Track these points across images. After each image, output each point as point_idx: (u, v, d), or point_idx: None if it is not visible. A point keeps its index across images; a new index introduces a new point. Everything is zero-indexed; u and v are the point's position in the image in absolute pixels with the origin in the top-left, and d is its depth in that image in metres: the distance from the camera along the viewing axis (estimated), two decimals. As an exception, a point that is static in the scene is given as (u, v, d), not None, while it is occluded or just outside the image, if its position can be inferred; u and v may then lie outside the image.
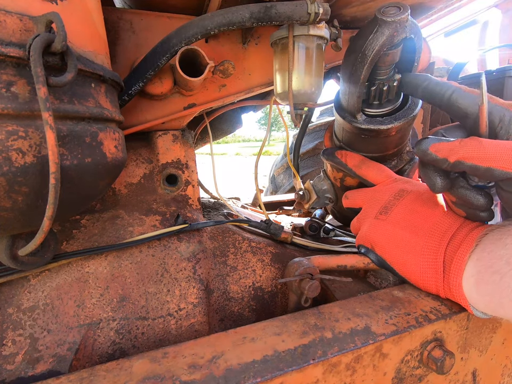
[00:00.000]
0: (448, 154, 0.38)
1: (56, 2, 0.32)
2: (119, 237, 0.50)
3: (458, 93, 0.40)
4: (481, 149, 0.36)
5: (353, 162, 0.56)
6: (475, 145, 0.36)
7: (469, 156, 0.37)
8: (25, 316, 0.42)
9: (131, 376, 0.31)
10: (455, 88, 0.40)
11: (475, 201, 0.40)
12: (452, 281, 0.40)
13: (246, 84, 0.63)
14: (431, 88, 0.42)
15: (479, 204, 0.40)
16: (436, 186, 0.41)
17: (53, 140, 0.28)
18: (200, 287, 0.52)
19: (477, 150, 0.36)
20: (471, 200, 0.40)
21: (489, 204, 0.40)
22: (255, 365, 0.32)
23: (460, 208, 0.43)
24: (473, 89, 0.40)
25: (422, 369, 0.40)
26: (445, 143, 0.39)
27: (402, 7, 0.41)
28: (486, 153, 0.36)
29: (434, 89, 0.41)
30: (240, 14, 0.46)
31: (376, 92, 0.48)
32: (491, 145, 0.36)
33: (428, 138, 0.40)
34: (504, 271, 0.34)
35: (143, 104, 0.56)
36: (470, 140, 0.37)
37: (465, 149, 0.37)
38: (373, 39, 0.41)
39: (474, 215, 0.42)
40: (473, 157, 0.36)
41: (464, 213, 0.43)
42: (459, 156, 0.37)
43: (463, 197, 0.40)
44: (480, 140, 0.37)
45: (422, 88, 0.43)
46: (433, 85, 0.42)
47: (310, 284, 0.44)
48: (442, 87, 0.41)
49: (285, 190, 2.07)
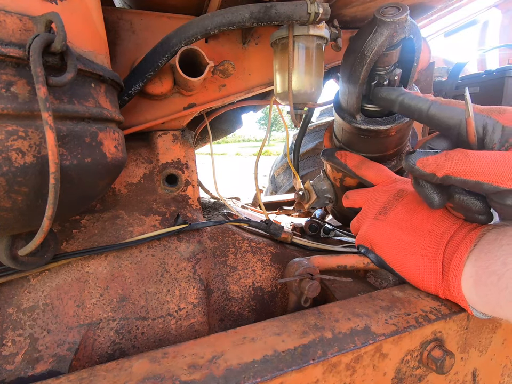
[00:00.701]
0: (435, 169, 0.38)
1: (56, 2, 0.32)
2: (119, 237, 0.50)
3: (436, 107, 0.39)
4: (468, 163, 0.35)
5: (353, 162, 0.56)
6: (461, 159, 0.36)
7: (456, 170, 0.36)
8: (25, 316, 0.42)
9: (131, 376, 0.31)
10: (431, 102, 0.40)
11: (472, 206, 0.40)
12: (450, 282, 0.40)
13: (246, 83, 0.63)
14: (407, 103, 0.41)
15: (476, 208, 0.40)
16: (433, 203, 0.41)
17: (53, 140, 0.28)
18: (200, 287, 0.52)
19: (464, 164, 0.36)
20: (468, 206, 0.40)
21: (487, 207, 0.40)
22: (255, 365, 0.32)
23: (459, 212, 0.43)
24: (449, 100, 0.40)
25: (422, 369, 0.40)
26: (431, 157, 0.38)
27: (401, 7, 0.41)
28: (472, 167, 0.35)
29: (410, 104, 0.41)
30: (240, 14, 0.46)
31: (377, 86, 0.48)
32: (477, 158, 0.35)
33: (414, 153, 0.40)
34: (501, 272, 0.34)
35: (143, 104, 0.56)
36: (456, 153, 0.37)
37: (452, 164, 0.36)
38: (372, 39, 0.41)
39: (473, 218, 0.41)
40: (460, 172, 0.36)
41: (463, 216, 0.43)
42: (446, 170, 0.37)
43: (460, 202, 0.40)
44: (466, 153, 0.36)
45: (398, 104, 0.42)
46: (409, 100, 0.41)
47: (310, 284, 0.44)
48: (418, 102, 0.41)
49: (285, 190, 2.07)
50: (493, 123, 0.37)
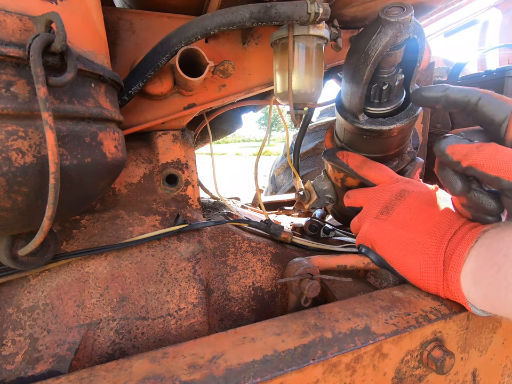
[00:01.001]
0: (462, 158, 0.38)
1: (56, 2, 0.32)
2: (119, 237, 0.50)
3: (487, 99, 0.38)
4: (495, 158, 0.35)
5: (355, 163, 0.56)
6: (491, 152, 0.36)
7: (481, 163, 0.36)
8: (25, 316, 0.42)
9: (131, 376, 0.31)
10: (482, 94, 0.39)
11: (487, 205, 0.39)
12: (450, 277, 0.40)
13: (246, 83, 0.63)
14: (453, 96, 0.40)
15: (491, 208, 0.39)
16: (455, 189, 0.40)
17: (53, 140, 0.28)
18: (200, 287, 0.52)
19: (490, 158, 0.36)
20: (483, 204, 0.40)
21: (500, 210, 0.40)
22: (255, 365, 0.32)
23: (469, 211, 0.42)
24: (501, 96, 0.39)
25: (422, 369, 0.40)
26: (462, 146, 0.38)
27: (405, 7, 0.41)
28: (497, 163, 0.35)
29: (457, 97, 0.40)
30: (240, 14, 0.46)
31: (376, 90, 0.48)
32: (506, 155, 0.35)
33: (447, 138, 0.40)
34: (501, 263, 0.34)
35: (143, 104, 0.56)
36: (488, 146, 0.37)
37: (480, 156, 0.36)
38: (376, 39, 0.41)
39: (482, 218, 0.41)
40: (484, 165, 0.36)
41: (471, 216, 0.42)
42: (472, 161, 0.37)
43: (476, 200, 0.40)
44: (497, 148, 0.36)
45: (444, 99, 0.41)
46: (456, 93, 0.40)
47: (310, 283, 0.44)
48: (467, 93, 0.39)
49: (285, 190, 2.07)
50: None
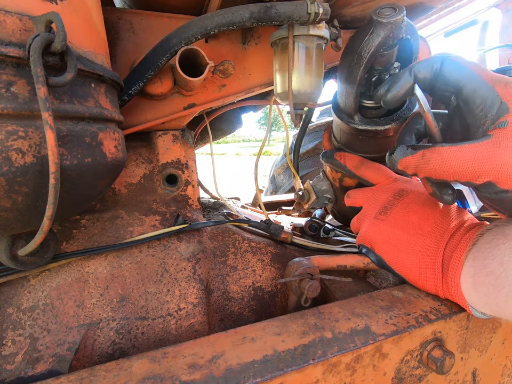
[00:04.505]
0: (416, 171, 0.39)
1: (56, 2, 0.32)
2: (119, 237, 0.50)
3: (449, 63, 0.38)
4: (444, 165, 0.36)
5: (352, 163, 0.56)
6: (437, 161, 0.36)
7: (434, 173, 0.37)
8: (25, 315, 0.42)
9: (131, 376, 0.31)
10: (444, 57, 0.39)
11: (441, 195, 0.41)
12: (450, 281, 0.40)
13: (246, 84, 0.63)
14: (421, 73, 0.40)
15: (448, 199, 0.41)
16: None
17: (53, 140, 0.28)
18: (200, 287, 0.52)
19: (440, 167, 0.36)
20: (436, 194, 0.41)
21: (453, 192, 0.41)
22: (255, 365, 0.32)
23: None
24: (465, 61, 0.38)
25: (422, 369, 0.40)
26: (409, 159, 0.39)
27: (397, 8, 0.41)
28: (449, 169, 0.36)
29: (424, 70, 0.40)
30: (240, 14, 0.46)
31: (377, 82, 0.48)
32: (453, 158, 0.35)
33: (393, 153, 0.40)
34: (498, 272, 0.34)
35: (143, 104, 0.56)
36: (432, 154, 0.37)
37: (429, 167, 0.37)
38: (369, 40, 0.41)
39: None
40: (438, 174, 0.37)
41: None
42: (425, 174, 0.38)
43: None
44: (441, 154, 0.36)
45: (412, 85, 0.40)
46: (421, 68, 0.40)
47: (310, 284, 0.44)
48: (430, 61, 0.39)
49: (285, 190, 2.07)
50: (493, 96, 0.35)
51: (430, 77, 0.39)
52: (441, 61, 0.38)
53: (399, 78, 0.40)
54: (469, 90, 0.36)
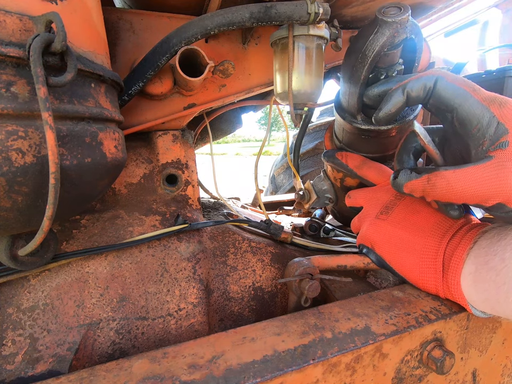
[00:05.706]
0: (423, 195, 0.39)
1: (56, 2, 0.32)
2: (119, 237, 0.50)
3: (442, 82, 0.38)
4: (451, 189, 0.36)
5: (354, 163, 0.56)
6: (443, 186, 0.37)
7: (442, 197, 0.37)
8: (25, 316, 0.42)
9: (131, 376, 0.31)
10: (437, 76, 0.38)
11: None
12: (450, 279, 0.40)
13: (246, 84, 0.63)
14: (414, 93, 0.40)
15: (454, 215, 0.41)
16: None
17: (53, 140, 0.28)
18: (200, 287, 0.52)
19: (447, 191, 0.36)
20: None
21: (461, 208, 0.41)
22: (255, 365, 0.32)
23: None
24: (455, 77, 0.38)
25: (422, 369, 0.40)
26: (415, 183, 0.39)
27: (403, 7, 0.41)
28: (456, 193, 0.36)
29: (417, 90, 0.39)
30: (240, 14, 0.46)
31: (373, 79, 0.48)
32: (459, 182, 0.36)
33: (397, 177, 0.41)
34: (499, 268, 0.34)
35: (143, 104, 0.56)
36: (437, 179, 0.37)
37: (437, 192, 0.37)
38: (373, 39, 0.41)
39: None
40: (446, 198, 0.37)
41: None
42: (432, 197, 0.38)
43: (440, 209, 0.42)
44: (447, 178, 0.36)
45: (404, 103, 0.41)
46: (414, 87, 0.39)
47: (310, 284, 0.44)
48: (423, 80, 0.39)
49: (285, 190, 2.07)
50: (489, 117, 0.35)
51: (423, 96, 0.39)
52: (435, 81, 0.38)
53: (391, 97, 0.40)
54: (463, 111, 0.37)
